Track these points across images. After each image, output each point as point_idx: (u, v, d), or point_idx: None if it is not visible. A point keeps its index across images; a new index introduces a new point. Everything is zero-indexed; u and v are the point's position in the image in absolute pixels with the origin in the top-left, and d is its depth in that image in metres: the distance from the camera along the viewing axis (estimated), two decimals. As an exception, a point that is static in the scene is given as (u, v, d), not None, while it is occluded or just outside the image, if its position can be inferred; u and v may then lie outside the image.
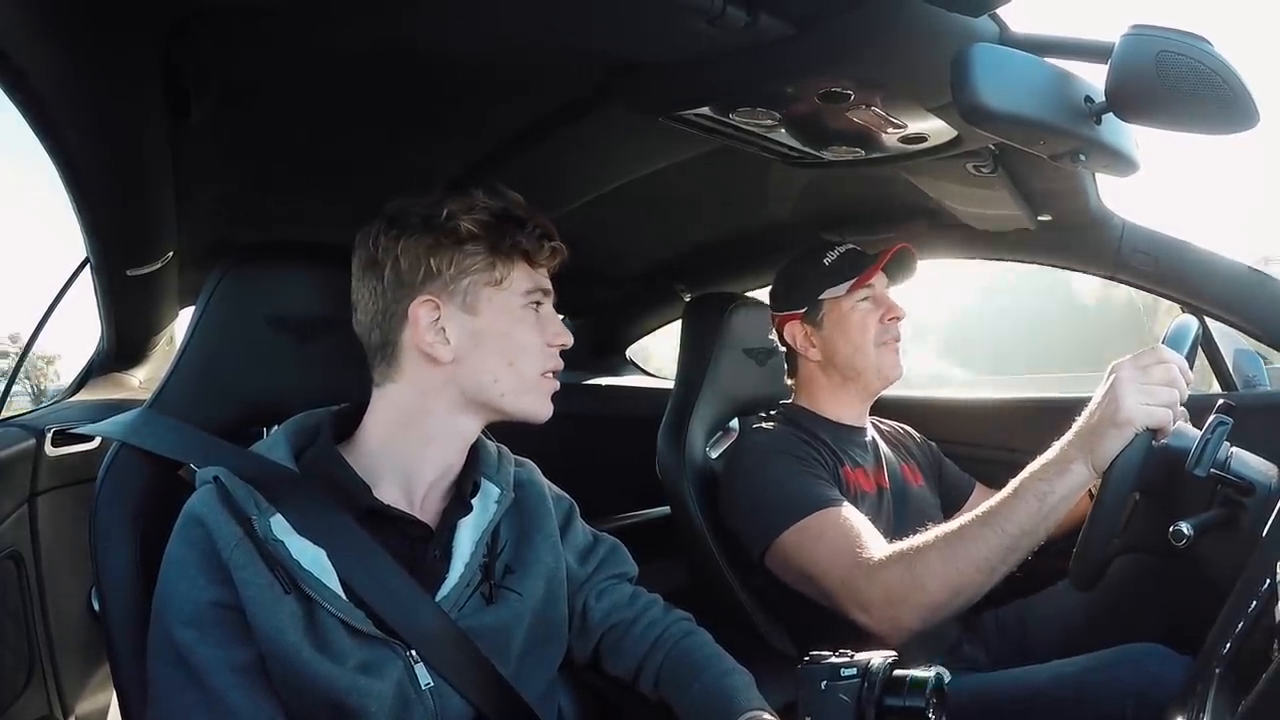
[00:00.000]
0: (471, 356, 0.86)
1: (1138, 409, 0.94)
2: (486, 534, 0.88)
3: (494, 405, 0.88)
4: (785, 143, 1.10)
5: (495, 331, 0.86)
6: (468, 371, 0.86)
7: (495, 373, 0.87)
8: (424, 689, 0.79)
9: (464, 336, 0.86)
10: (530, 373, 0.88)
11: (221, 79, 0.93)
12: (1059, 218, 1.41)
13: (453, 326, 0.85)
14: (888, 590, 1.04)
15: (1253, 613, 0.68)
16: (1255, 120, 0.79)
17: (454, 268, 0.85)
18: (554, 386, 0.91)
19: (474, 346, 0.86)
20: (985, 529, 0.99)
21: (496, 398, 0.87)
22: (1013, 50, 0.84)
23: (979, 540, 0.99)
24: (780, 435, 1.32)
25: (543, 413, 0.91)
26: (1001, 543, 0.98)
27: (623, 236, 1.81)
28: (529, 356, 0.88)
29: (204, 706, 0.72)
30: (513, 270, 0.87)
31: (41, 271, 19.83)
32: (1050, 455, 1.00)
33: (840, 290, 1.36)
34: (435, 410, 0.87)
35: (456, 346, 0.85)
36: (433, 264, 0.84)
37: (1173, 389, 0.95)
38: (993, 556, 0.99)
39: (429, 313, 0.85)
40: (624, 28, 0.88)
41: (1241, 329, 1.42)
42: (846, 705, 0.73)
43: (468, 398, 0.87)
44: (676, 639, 0.96)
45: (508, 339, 0.87)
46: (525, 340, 0.88)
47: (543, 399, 0.90)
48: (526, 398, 0.89)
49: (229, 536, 0.76)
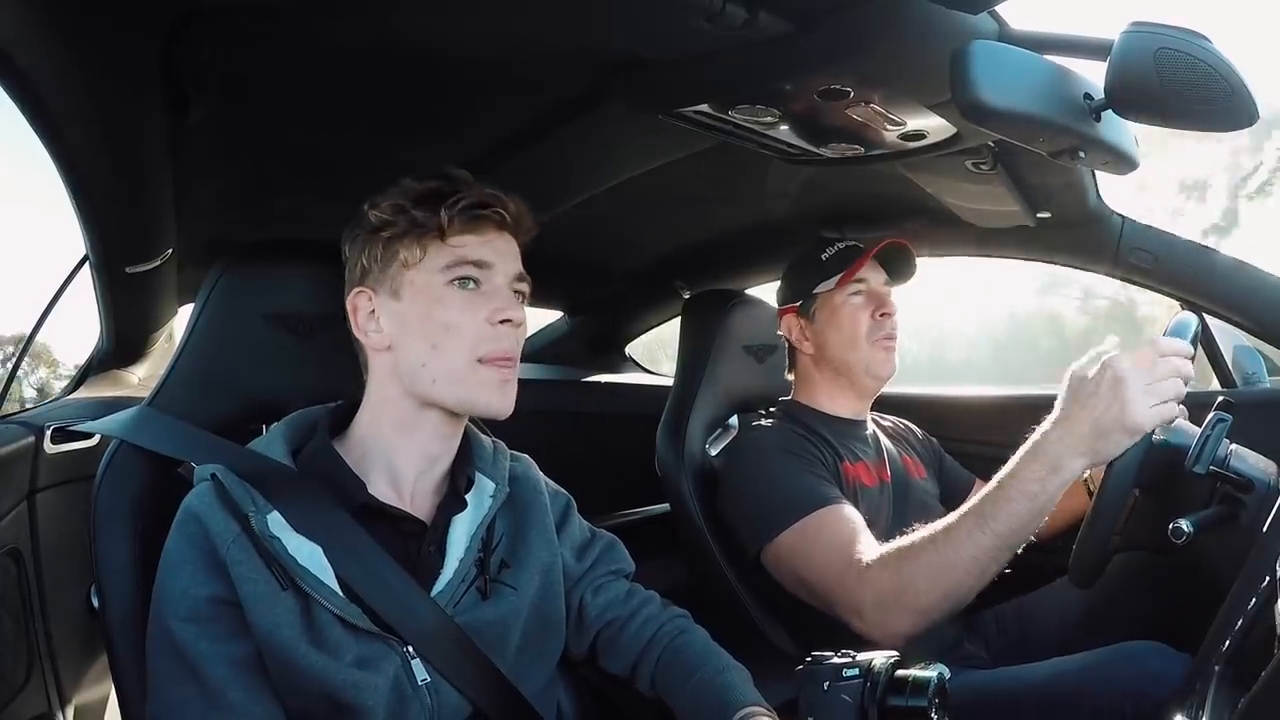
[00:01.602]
0: (400, 342, 0.85)
1: (1148, 413, 0.91)
2: (481, 529, 0.88)
3: (430, 396, 0.84)
4: (784, 140, 1.10)
5: (416, 314, 0.84)
6: (400, 358, 0.85)
7: (421, 357, 0.83)
8: (420, 684, 0.80)
9: (393, 322, 0.85)
10: (458, 357, 0.83)
11: (221, 78, 0.93)
12: (1058, 215, 1.41)
13: (384, 314, 0.85)
14: (878, 594, 1.04)
15: (1252, 610, 0.68)
16: (1254, 117, 0.79)
17: (377, 258, 0.85)
18: (498, 377, 0.84)
19: (401, 332, 0.85)
20: (975, 530, 0.98)
21: (429, 385, 0.83)
22: (1012, 47, 0.84)
23: (968, 542, 0.98)
24: (779, 432, 1.31)
25: (487, 404, 0.84)
26: (991, 543, 0.97)
27: (622, 234, 1.81)
28: (455, 337, 0.82)
29: (202, 701, 0.73)
30: (427, 248, 0.83)
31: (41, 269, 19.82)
32: (1040, 451, 0.97)
33: (831, 284, 1.37)
34: (396, 400, 0.86)
35: (389, 333, 0.85)
36: (363, 259, 0.86)
37: (1177, 380, 0.93)
38: (983, 557, 0.98)
39: (364, 303, 0.86)
40: (623, 25, 0.88)
41: (1241, 326, 1.42)
42: (849, 706, 0.73)
43: (407, 387, 0.85)
44: (673, 635, 0.96)
45: (428, 320, 0.83)
46: (448, 319, 0.83)
47: (483, 390, 0.84)
48: (459, 387, 0.83)
49: (226, 533, 0.76)
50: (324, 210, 1.36)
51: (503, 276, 0.86)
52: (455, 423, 0.89)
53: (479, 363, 0.84)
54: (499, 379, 0.85)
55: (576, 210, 1.42)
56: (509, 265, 0.87)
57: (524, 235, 0.90)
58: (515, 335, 0.86)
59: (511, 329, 0.85)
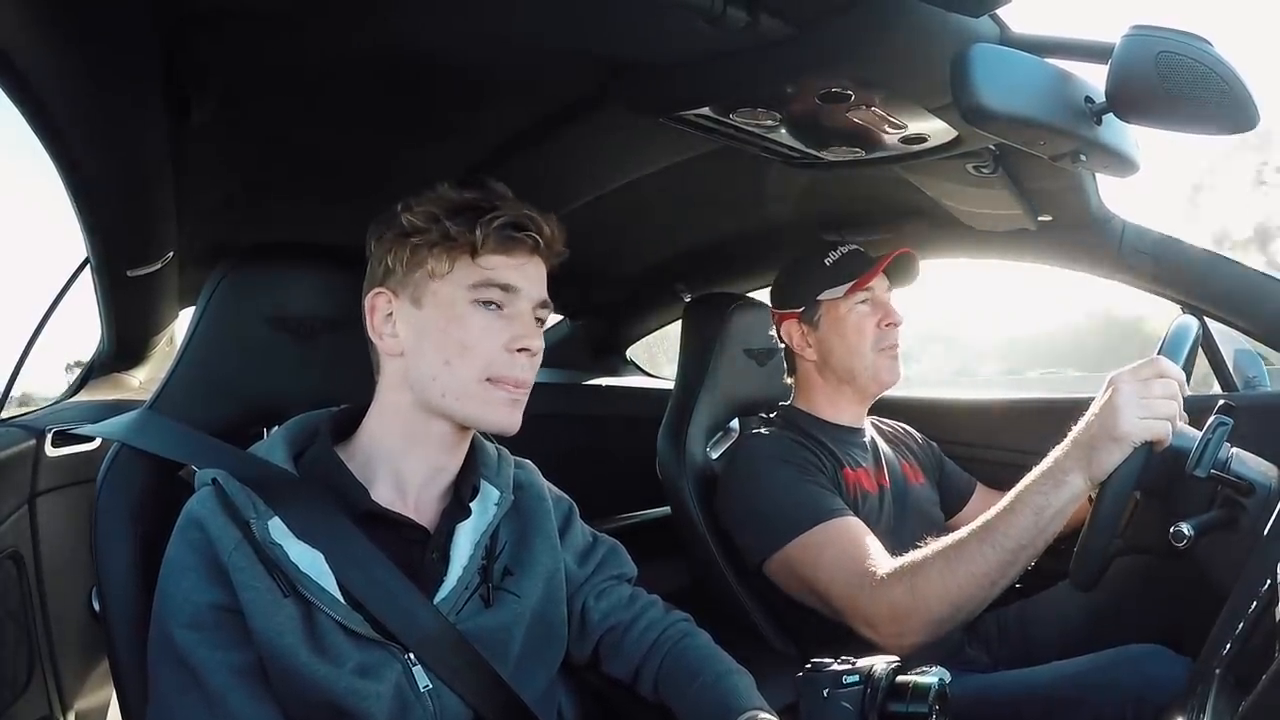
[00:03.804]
0: (414, 351, 0.84)
1: (1137, 424, 0.93)
2: (485, 537, 0.87)
3: (438, 408, 0.84)
4: (785, 143, 1.10)
5: (434, 326, 0.83)
6: (412, 367, 0.84)
7: (433, 370, 0.83)
8: (423, 691, 0.79)
9: (410, 330, 0.84)
10: (468, 375, 0.82)
11: (222, 80, 0.93)
12: (1059, 218, 1.40)
13: (402, 319, 0.85)
14: (892, 608, 1.04)
15: (1253, 613, 0.68)
16: (1256, 120, 0.79)
17: (403, 262, 0.84)
18: (508, 396, 0.84)
19: (417, 341, 0.84)
20: (983, 544, 1.00)
21: (438, 398, 0.83)
22: (1013, 51, 0.84)
23: (978, 556, 1.00)
24: (778, 441, 1.31)
25: (495, 422, 0.84)
26: (1000, 557, 0.99)
27: (623, 237, 1.81)
28: (469, 357, 0.82)
29: (204, 708, 0.72)
30: (456, 262, 0.83)
31: (42, 272, 19.75)
32: (1046, 466, 1.00)
33: (839, 292, 1.36)
34: (406, 408, 0.86)
35: (404, 340, 0.85)
36: (388, 260, 0.85)
37: (1172, 402, 0.95)
38: (992, 571, 0.99)
39: (383, 305, 0.85)
40: (624, 28, 0.88)
41: (1242, 329, 1.42)
42: (849, 713, 0.72)
43: (417, 396, 0.84)
44: (676, 640, 0.95)
45: (445, 335, 0.82)
46: (466, 339, 0.82)
47: (492, 408, 0.83)
48: (469, 403, 0.83)
49: (228, 540, 0.76)
50: (326, 213, 1.36)
51: (527, 302, 0.85)
52: (463, 435, 0.89)
53: (489, 382, 0.83)
54: (509, 398, 0.84)
55: (577, 213, 1.42)
56: (535, 290, 0.86)
57: (554, 259, 0.89)
58: (531, 364, 0.85)
59: (528, 358, 0.84)
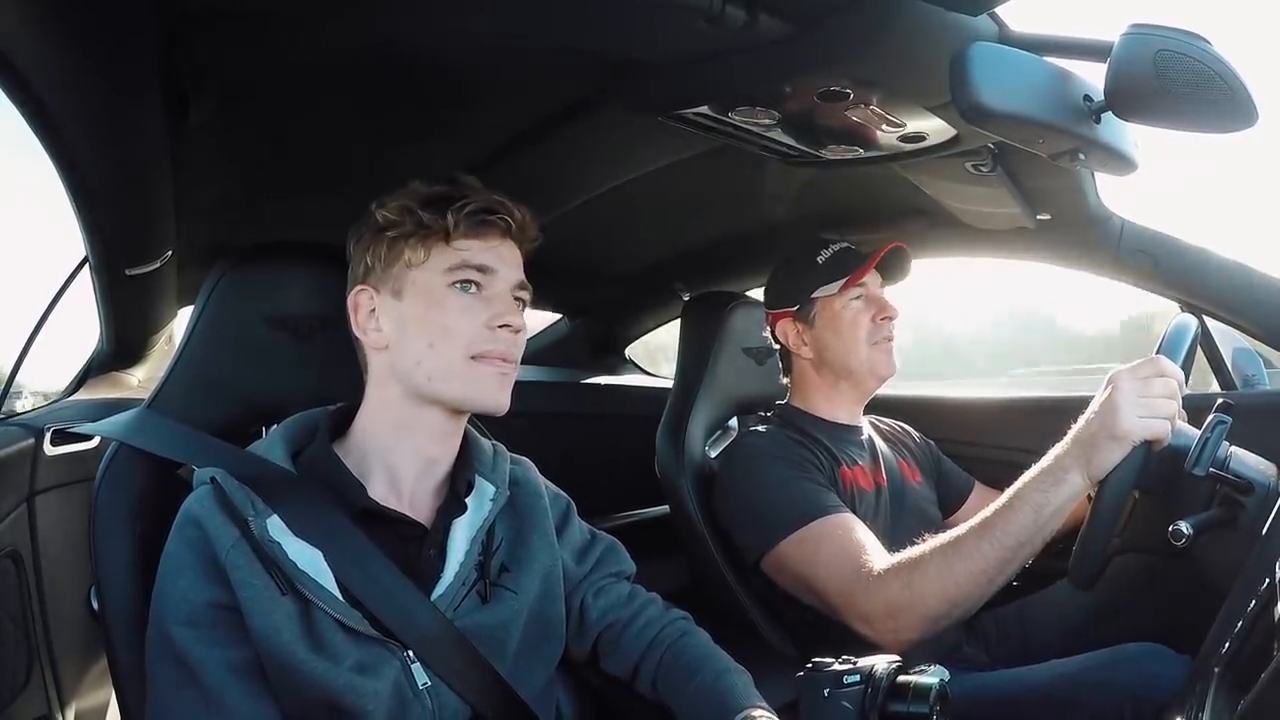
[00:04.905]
0: (399, 342, 0.85)
1: (1136, 422, 0.93)
2: (481, 532, 0.88)
3: (427, 393, 0.85)
4: (784, 142, 1.10)
5: (416, 314, 0.85)
6: (398, 357, 0.85)
7: (418, 355, 0.84)
8: (421, 689, 0.79)
9: (392, 322, 0.86)
10: (453, 355, 0.84)
11: (221, 80, 0.93)
12: (1058, 217, 1.40)
13: (384, 313, 0.86)
14: (888, 604, 1.04)
15: (1252, 612, 0.68)
16: (1254, 119, 0.79)
17: (381, 257, 0.86)
18: (496, 371, 0.85)
19: (400, 331, 0.85)
20: (982, 541, 0.99)
21: (425, 382, 0.84)
22: (1012, 49, 0.84)
23: (976, 553, 0.99)
24: (775, 438, 1.31)
25: (484, 400, 0.86)
26: (999, 554, 0.98)
27: (622, 236, 1.81)
28: (452, 338, 0.84)
29: (201, 705, 0.72)
30: (431, 250, 0.84)
31: (40, 271, 19.73)
32: (1045, 464, 1.00)
33: (832, 289, 1.36)
34: (394, 400, 0.87)
35: (388, 333, 0.86)
36: (367, 258, 0.87)
37: (1171, 402, 0.95)
38: (990, 568, 0.99)
39: (365, 301, 0.86)
40: (623, 27, 0.88)
41: (1240, 328, 1.42)
42: (850, 712, 0.72)
43: (405, 386, 0.86)
44: (674, 638, 0.95)
45: (427, 320, 0.84)
46: (447, 321, 0.84)
47: (479, 384, 0.85)
48: (456, 383, 0.84)
49: (226, 538, 0.76)
50: (324, 212, 1.35)
51: (504, 283, 0.87)
52: (454, 422, 0.89)
53: (473, 359, 0.84)
54: (496, 373, 0.85)
55: (576, 212, 1.42)
56: (511, 272, 0.88)
57: (528, 243, 0.91)
58: (514, 339, 0.87)
59: (510, 334, 0.86)
